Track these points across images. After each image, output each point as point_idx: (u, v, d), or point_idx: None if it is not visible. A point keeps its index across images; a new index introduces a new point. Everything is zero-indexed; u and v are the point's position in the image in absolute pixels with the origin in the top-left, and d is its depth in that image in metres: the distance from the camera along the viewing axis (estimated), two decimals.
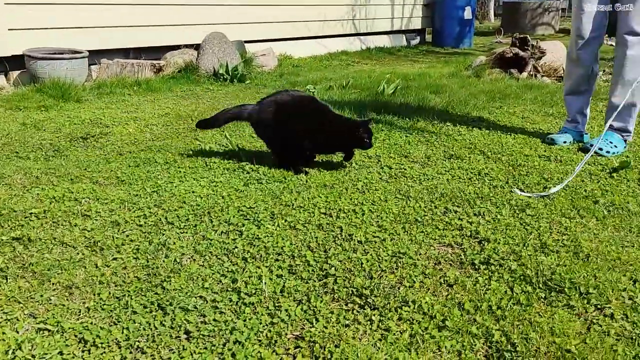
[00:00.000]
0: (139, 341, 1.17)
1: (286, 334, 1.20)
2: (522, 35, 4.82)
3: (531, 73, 4.73)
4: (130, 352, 1.14)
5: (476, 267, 1.53)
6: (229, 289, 1.38)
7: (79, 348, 1.15)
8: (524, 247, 1.62)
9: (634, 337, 1.21)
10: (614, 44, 2.62)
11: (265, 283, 1.39)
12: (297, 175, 2.18)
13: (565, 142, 2.72)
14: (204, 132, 2.81)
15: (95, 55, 4.34)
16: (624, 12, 2.47)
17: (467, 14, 8.09)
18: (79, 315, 1.26)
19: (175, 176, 2.14)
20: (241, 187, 2.06)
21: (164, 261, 1.49)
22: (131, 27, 4.57)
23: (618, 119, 2.59)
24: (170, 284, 1.38)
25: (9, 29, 3.86)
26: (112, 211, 1.81)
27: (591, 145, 2.54)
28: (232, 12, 5.35)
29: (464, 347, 1.19)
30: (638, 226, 1.75)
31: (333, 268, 1.48)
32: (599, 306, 1.33)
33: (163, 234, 1.64)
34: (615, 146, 2.57)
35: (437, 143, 2.70)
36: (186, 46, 4.85)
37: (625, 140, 2.65)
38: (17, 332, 1.19)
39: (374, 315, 1.28)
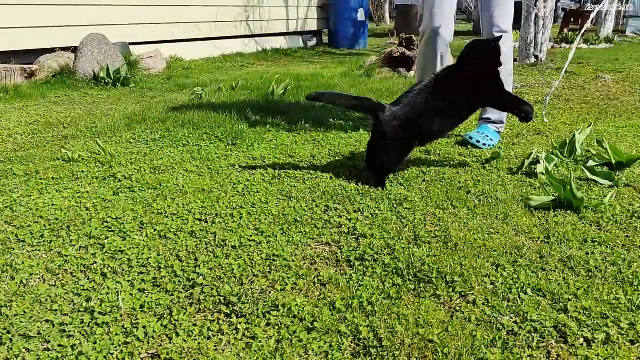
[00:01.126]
0: None
1: (140, 354, 1.11)
2: (407, 36, 4.99)
3: None
4: None
5: (351, 263, 1.52)
6: (81, 309, 1.26)
7: None
8: (399, 241, 1.63)
9: (492, 321, 1.24)
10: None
11: (123, 299, 1.29)
12: (173, 182, 2.08)
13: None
14: (75, 139, 2.62)
15: None
16: (486, 10, 2.59)
17: (360, 15, 8.28)
18: None
19: (35, 189, 1.96)
20: (110, 196, 1.92)
21: (7, 284, 1.34)
22: None
23: (495, 112, 2.73)
24: (10, 309, 1.24)
25: None
26: None
27: (470, 138, 2.65)
28: (114, 13, 5.08)
29: (332, 347, 1.16)
30: (504, 213, 1.83)
31: (201, 277, 1.40)
32: (463, 293, 1.36)
33: (10, 254, 1.48)
34: (491, 139, 2.70)
35: (324, 142, 2.70)
36: (63, 49, 4.54)
37: (498, 132, 2.79)
38: None
39: (240, 323, 1.23)
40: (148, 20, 5.46)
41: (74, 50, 4.38)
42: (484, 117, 2.79)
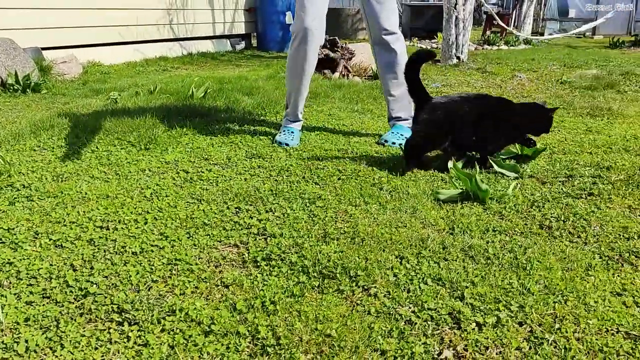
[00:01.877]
0: None
1: None
2: (331, 38, 5.02)
3: (343, 73, 4.95)
4: None
5: (258, 264, 1.49)
6: None
7: None
8: (308, 239, 1.63)
9: (391, 312, 1.25)
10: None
11: (6, 313, 1.21)
12: (76, 189, 1.99)
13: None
14: None
15: None
16: (372, 16, 2.64)
17: (288, 19, 8.28)
18: None
19: None
20: (4, 207, 1.81)
21: None
22: None
23: (404, 111, 2.79)
24: None
25: None
26: None
27: (386, 142, 2.69)
28: (25, 16, 4.83)
29: (229, 349, 1.14)
30: (413, 207, 1.86)
31: (95, 286, 1.34)
32: (365, 287, 1.36)
33: None
34: (406, 137, 2.75)
35: (241, 144, 2.67)
36: None
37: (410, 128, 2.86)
38: None
39: (132, 331, 1.18)
40: (63, 24, 5.22)
41: None
42: (394, 116, 2.84)
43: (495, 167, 2.26)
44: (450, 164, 2.25)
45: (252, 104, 3.58)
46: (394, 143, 2.68)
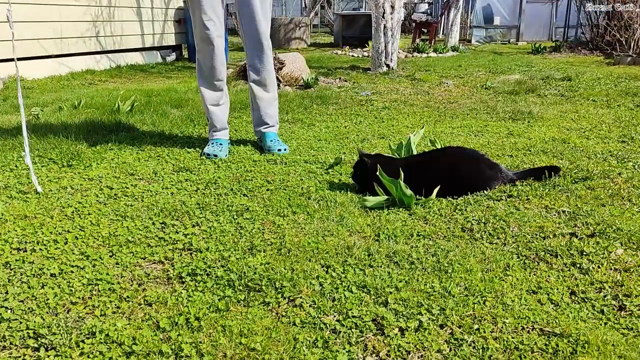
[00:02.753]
0: None
1: None
2: None
3: None
4: None
5: (183, 280, 1.47)
6: None
7: None
8: (234, 252, 1.62)
9: (316, 322, 1.27)
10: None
11: None
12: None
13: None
14: None
15: None
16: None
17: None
18: None
19: None
20: None
21: None
22: None
23: (273, 117, 2.89)
24: None
25: None
26: None
27: (269, 150, 2.72)
28: None
29: None
30: (340, 215, 1.89)
31: (9, 311, 1.28)
32: (291, 298, 1.37)
33: None
34: (281, 142, 2.83)
35: (169, 157, 2.62)
36: None
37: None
38: None
39: (49, 356, 1.13)
40: None
41: None
42: (267, 123, 2.88)
43: None
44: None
45: (181, 117, 3.53)
46: (279, 150, 2.74)
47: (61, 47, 5.99)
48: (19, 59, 5.36)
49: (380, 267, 1.53)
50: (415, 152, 2.61)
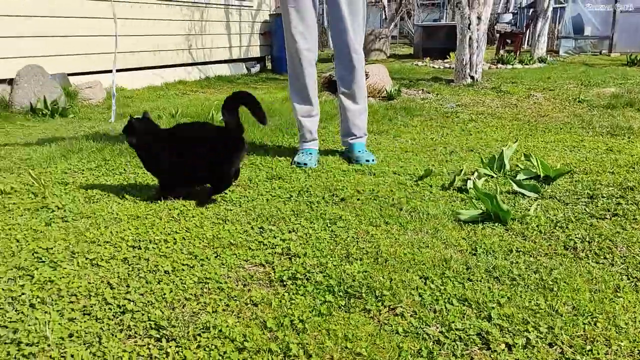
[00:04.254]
0: None
1: None
2: None
3: None
4: None
5: (284, 283, 1.53)
6: (7, 342, 1.23)
7: None
8: (331, 258, 1.67)
9: (419, 332, 1.28)
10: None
11: (51, 329, 1.26)
12: (107, 210, 2.05)
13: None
14: (8, 171, 2.55)
15: None
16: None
17: None
18: None
19: None
20: (41, 227, 1.88)
21: None
22: None
23: (361, 128, 2.92)
24: None
25: None
26: None
27: (367, 161, 2.74)
28: (52, 44, 4.99)
29: None
30: (434, 227, 1.90)
31: (132, 303, 1.39)
32: (391, 307, 1.40)
33: None
34: (369, 152, 2.85)
35: (262, 165, 2.73)
36: None
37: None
38: None
39: (171, 346, 1.22)
40: (87, 51, 5.38)
41: (10, 82, 4.27)
42: (354, 134, 2.91)
43: (515, 187, 2.28)
44: (469, 184, 2.29)
45: (270, 126, 3.66)
46: (367, 160, 2.77)
47: (158, 60, 6.37)
48: (120, 70, 5.77)
49: (480, 281, 1.52)
50: (507, 166, 2.57)
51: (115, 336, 1.26)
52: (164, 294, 1.44)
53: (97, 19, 5.46)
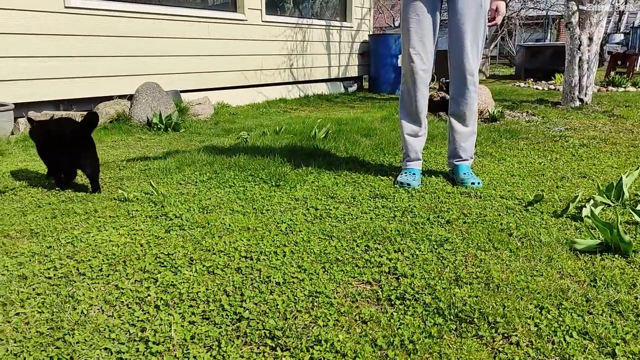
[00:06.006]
0: None
1: None
2: (447, 80, 5.05)
3: None
4: None
5: (392, 302, 1.54)
6: (136, 339, 1.33)
7: None
8: (439, 281, 1.65)
9: None
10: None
11: (174, 330, 1.35)
12: (220, 221, 2.17)
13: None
14: (130, 180, 2.76)
15: (24, 108, 4.24)
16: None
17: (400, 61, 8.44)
18: None
19: (94, 226, 2.08)
20: (162, 234, 2.02)
21: (70, 314, 1.42)
22: (61, 79, 4.51)
23: (468, 150, 2.87)
24: (73, 336, 1.31)
25: None
26: (20, 264, 1.73)
27: (472, 183, 2.67)
28: (167, 63, 5.38)
29: None
30: (547, 255, 1.82)
31: (247, 311, 1.46)
32: (505, 334, 1.36)
33: (72, 286, 1.58)
34: (475, 175, 2.79)
35: (364, 183, 2.76)
36: (120, 97, 4.82)
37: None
38: None
39: (285, 356, 1.26)
40: (198, 70, 5.74)
41: (130, 97, 4.64)
42: (460, 156, 2.87)
43: (636, 217, 2.14)
44: (586, 212, 2.17)
45: (371, 145, 3.69)
46: (473, 183, 2.72)
47: (260, 78, 6.65)
48: (225, 88, 6.09)
49: (601, 315, 1.44)
50: (627, 195, 2.41)
51: (233, 342, 1.32)
52: (277, 304, 1.49)
53: (204, 40, 5.81)
